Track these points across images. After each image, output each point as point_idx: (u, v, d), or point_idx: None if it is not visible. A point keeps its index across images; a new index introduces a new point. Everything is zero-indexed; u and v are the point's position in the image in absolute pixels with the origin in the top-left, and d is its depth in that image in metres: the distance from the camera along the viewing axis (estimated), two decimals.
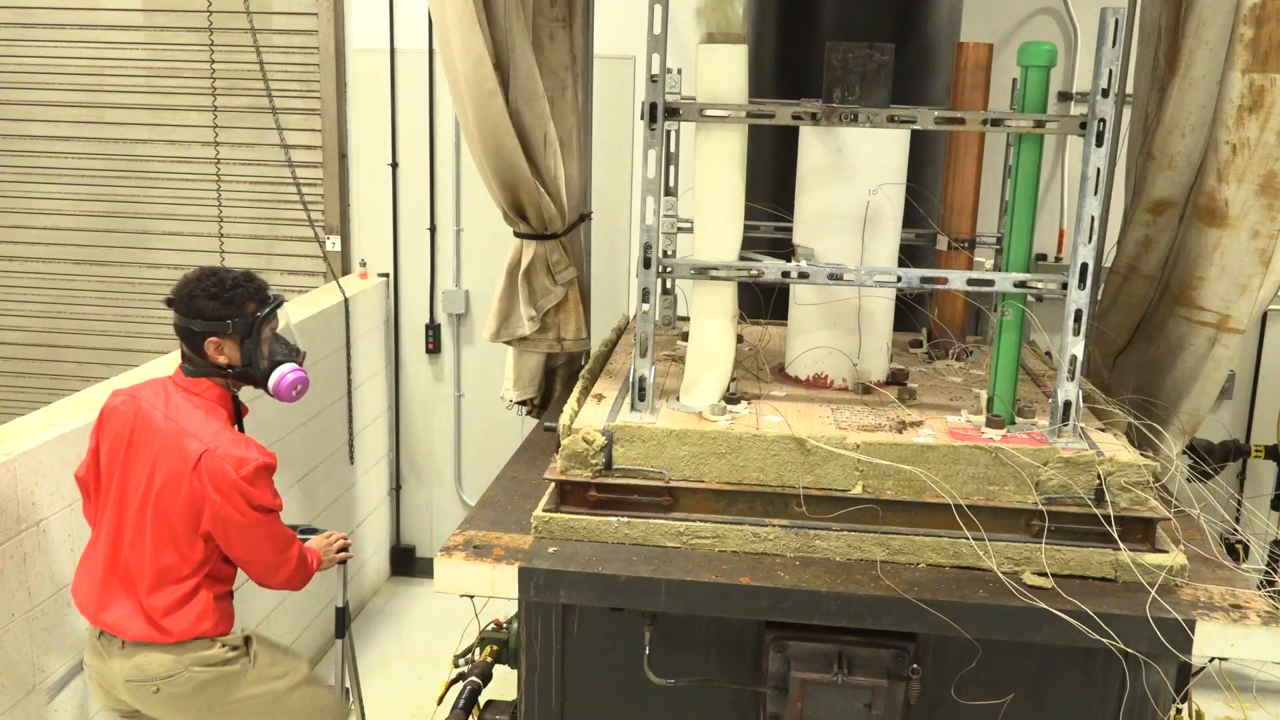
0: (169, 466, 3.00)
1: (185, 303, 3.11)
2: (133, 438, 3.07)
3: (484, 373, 5.85)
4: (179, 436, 3.03)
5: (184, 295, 3.11)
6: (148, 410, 3.08)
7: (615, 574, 2.78)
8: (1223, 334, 3.41)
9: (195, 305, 3.10)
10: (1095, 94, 2.82)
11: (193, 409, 3.09)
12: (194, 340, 3.11)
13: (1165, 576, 2.76)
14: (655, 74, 2.95)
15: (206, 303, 3.10)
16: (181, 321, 3.11)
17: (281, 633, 4.86)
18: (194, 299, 3.10)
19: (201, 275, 3.17)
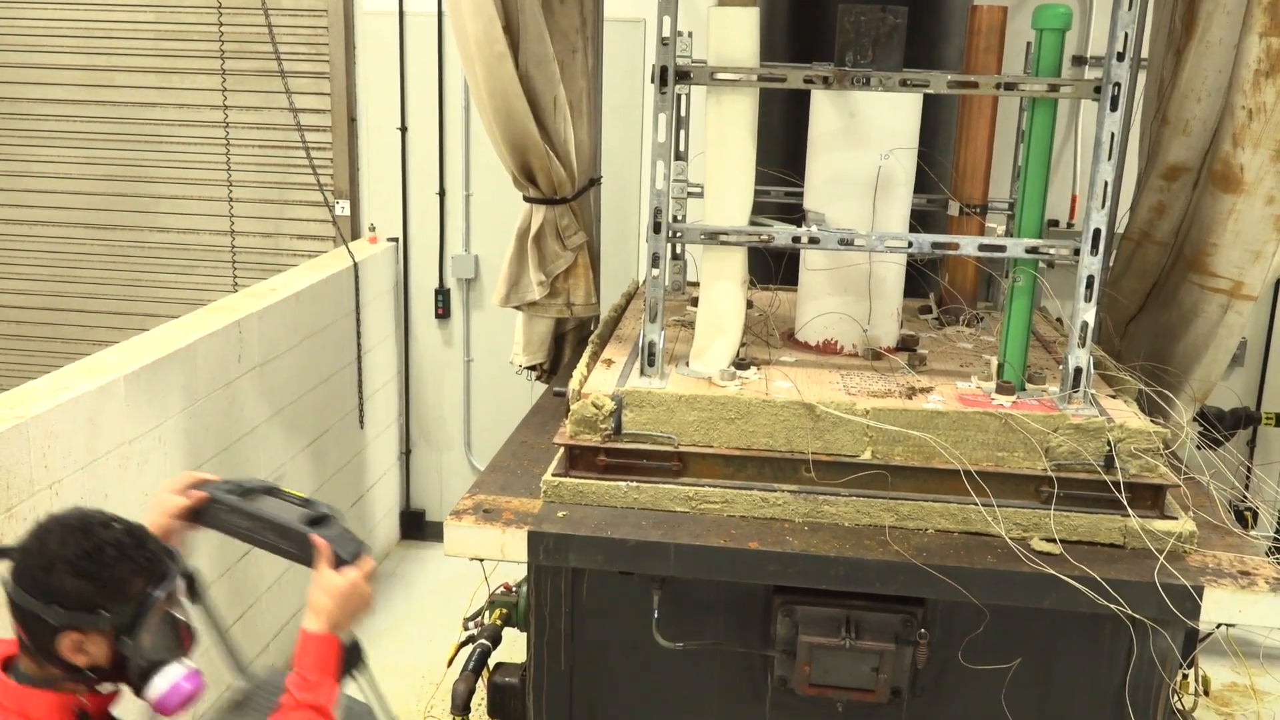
0: None
1: (36, 576, 1.97)
2: None
3: (493, 338, 5.86)
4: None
5: (35, 564, 1.98)
6: None
7: (624, 538, 2.80)
8: (1235, 301, 3.40)
9: (53, 583, 1.96)
10: (1110, 58, 2.80)
11: None
12: (42, 633, 1.97)
13: (1174, 543, 2.76)
14: (666, 37, 2.93)
15: (72, 580, 1.96)
16: (25, 601, 1.96)
17: (292, 597, 4.90)
18: (51, 572, 1.96)
19: (65, 535, 2.00)
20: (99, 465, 3.54)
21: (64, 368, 3.69)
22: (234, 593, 4.40)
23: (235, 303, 4.59)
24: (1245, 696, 4.78)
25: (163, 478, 3.88)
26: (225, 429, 4.29)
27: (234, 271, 6.00)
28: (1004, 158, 4.22)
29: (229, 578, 4.35)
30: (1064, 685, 2.85)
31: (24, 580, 1.98)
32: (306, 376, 4.95)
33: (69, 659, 2.00)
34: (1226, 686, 4.83)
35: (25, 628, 2.00)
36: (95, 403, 3.52)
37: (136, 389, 3.72)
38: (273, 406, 4.65)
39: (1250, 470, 5.22)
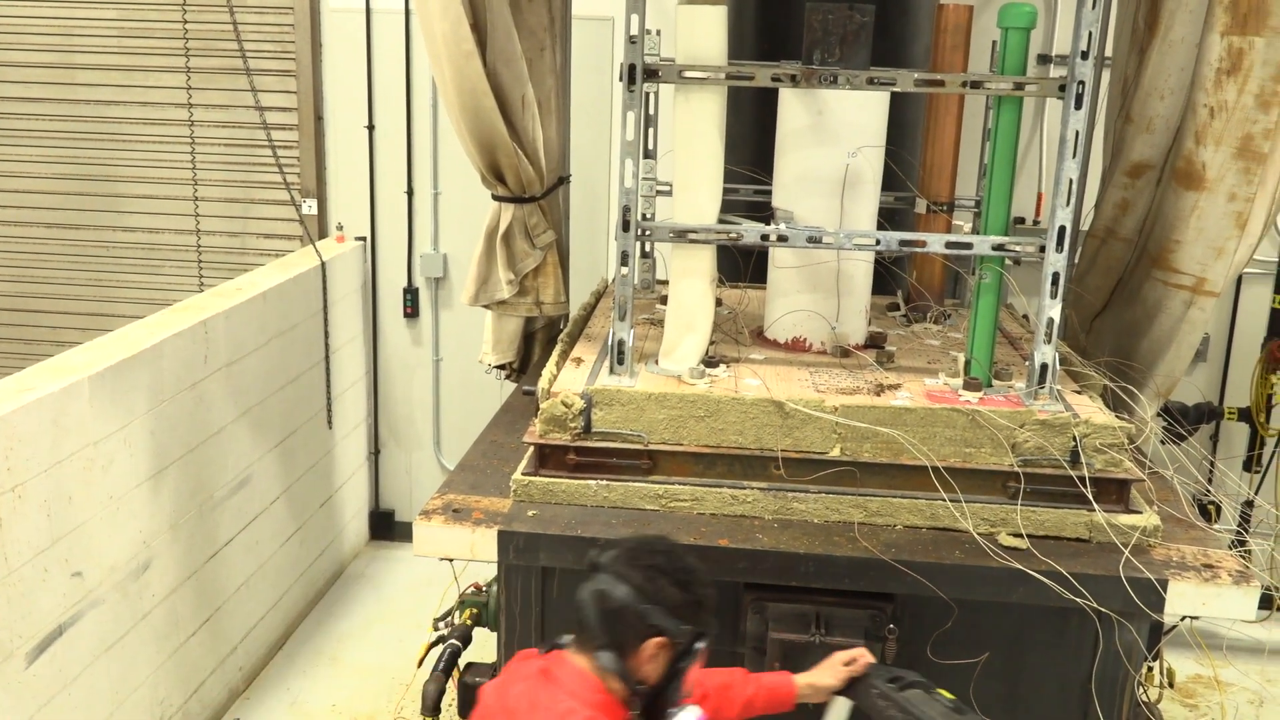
0: None
1: (643, 576, 2.22)
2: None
3: (462, 337, 5.83)
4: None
5: (641, 565, 2.23)
6: (516, 702, 2.24)
7: (594, 537, 2.79)
8: (1198, 297, 3.44)
9: (658, 588, 2.20)
10: (1074, 56, 2.82)
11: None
12: (629, 635, 2.19)
13: (1139, 537, 2.79)
14: (634, 35, 2.93)
15: (674, 590, 2.21)
16: (628, 599, 2.19)
17: (261, 598, 4.87)
18: (656, 577, 2.21)
19: (668, 551, 2.30)
20: (63, 467, 3.50)
21: (27, 369, 3.65)
22: (201, 595, 4.37)
23: (201, 302, 4.55)
24: (1209, 688, 4.84)
25: (128, 479, 3.85)
26: (192, 430, 4.25)
27: (200, 271, 5.95)
28: (970, 156, 4.25)
29: (196, 579, 4.32)
30: (1031, 678, 2.87)
31: (632, 576, 2.19)
32: (274, 376, 4.92)
33: (640, 665, 2.18)
34: (1191, 678, 4.89)
35: (611, 628, 2.18)
36: (59, 404, 3.48)
37: (101, 390, 3.68)
38: (240, 407, 4.62)
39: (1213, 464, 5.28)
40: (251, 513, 4.77)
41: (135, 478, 3.90)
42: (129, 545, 3.87)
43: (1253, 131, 3.17)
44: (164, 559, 4.10)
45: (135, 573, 3.92)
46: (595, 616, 2.21)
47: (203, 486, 4.35)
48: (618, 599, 2.19)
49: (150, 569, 4.01)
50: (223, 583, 4.54)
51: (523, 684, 2.24)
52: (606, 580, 2.22)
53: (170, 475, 4.11)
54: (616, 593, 2.19)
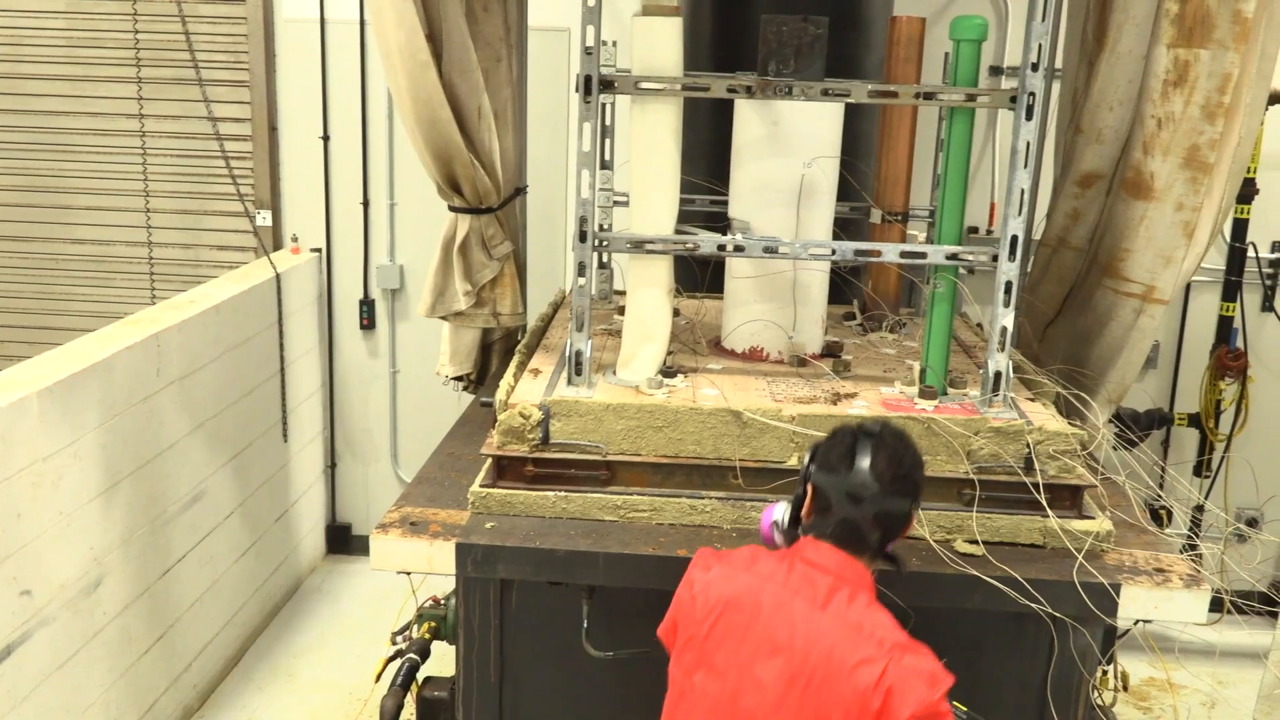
0: (824, 673, 2.18)
1: (909, 476, 2.34)
2: (751, 627, 2.27)
3: (419, 348, 5.81)
4: (847, 634, 2.21)
5: (900, 459, 2.34)
6: (779, 593, 2.28)
7: (553, 548, 2.79)
8: (1148, 305, 3.49)
9: (918, 480, 2.37)
10: (1025, 68, 2.86)
11: (862, 604, 2.27)
12: (894, 525, 2.34)
13: (1092, 542, 2.82)
14: (590, 46, 2.94)
15: (920, 475, 2.39)
16: (883, 497, 2.30)
17: (215, 614, 4.81)
18: (913, 471, 2.36)
19: (905, 437, 2.41)
20: (12, 483, 3.44)
21: None
22: (154, 611, 4.31)
23: (154, 315, 4.49)
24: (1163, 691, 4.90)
25: (78, 495, 3.79)
26: (144, 445, 4.19)
27: (152, 283, 5.88)
28: (924, 166, 4.29)
29: (149, 596, 4.25)
30: (988, 683, 2.89)
31: (897, 480, 2.31)
32: (228, 390, 4.87)
33: (877, 555, 2.35)
34: (1145, 681, 4.95)
35: (884, 524, 2.31)
36: (7, 419, 3.42)
37: (51, 405, 3.62)
38: (193, 421, 4.57)
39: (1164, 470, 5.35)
40: (206, 528, 4.71)
41: (86, 494, 3.84)
42: (80, 562, 3.81)
43: (1199, 142, 3.23)
44: (116, 576, 4.04)
45: (86, 590, 3.86)
46: (884, 507, 2.31)
47: (155, 502, 4.30)
48: (875, 507, 2.30)
49: (102, 586, 3.94)
50: (176, 599, 4.48)
51: (796, 598, 2.24)
52: (873, 489, 2.30)
53: (122, 491, 4.05)
54: (871, 496, 2.30)
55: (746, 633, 2.23)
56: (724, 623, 2.25)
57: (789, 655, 2.19)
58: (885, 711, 2.12)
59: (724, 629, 2.25)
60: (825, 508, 2.33)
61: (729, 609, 2.26)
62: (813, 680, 2.16)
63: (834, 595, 2.24)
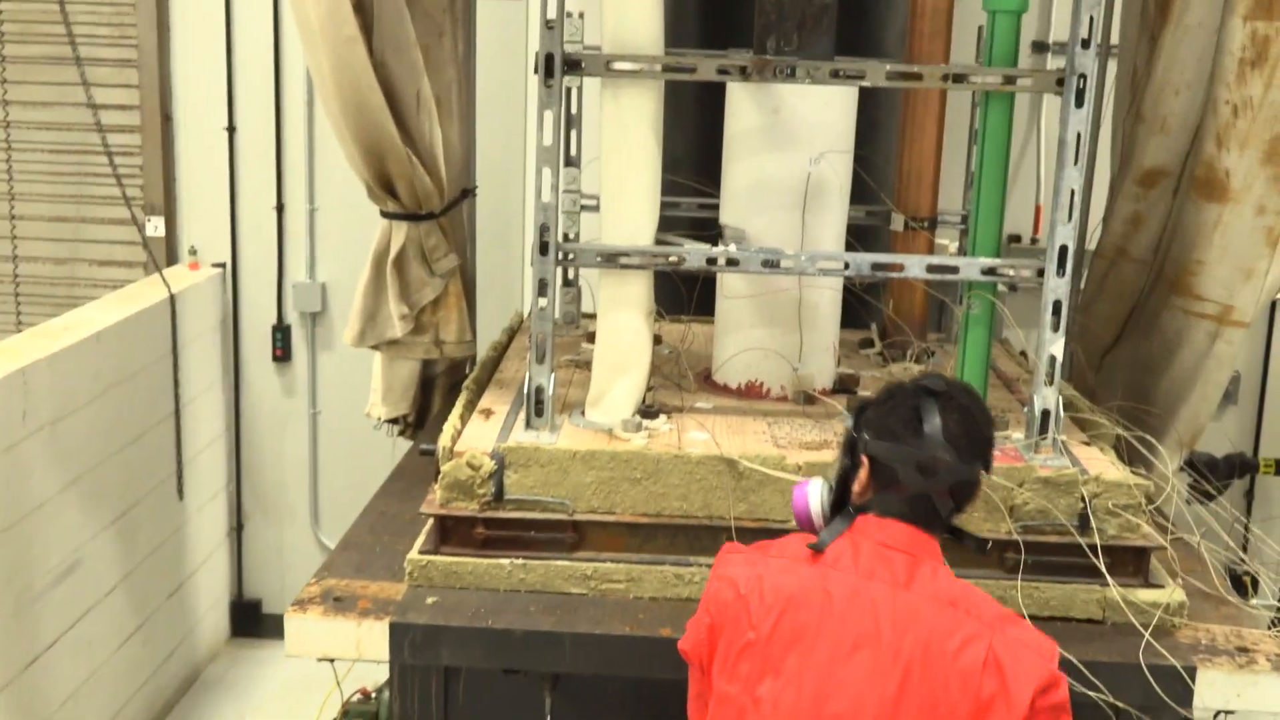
0: (922, 662, 2.20)
1: (980, 434, 2.41)
2: (825, 622, 2.27)
3: (345, 384, 5.79)
4: (941, 613, 2.24)
5: (973, 419, 2.40)
6: (850, 580, 2.30)
7: (508, 628, 2.77)
8: (1225, 328, 3.51)
9: (990, 439, 2.44)
10: (1074, 45, 2.89)
11: (947, 577, 2.34)
12: (968, 494, 2.42)
13: (1161, 616, 2.83)
14: (552, 19, 2.95)
15: (992, 432, 2.48)
16: (960, 466, 2.35)
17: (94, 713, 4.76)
18: (987, 430, 2.44)
19: (972, 391, 2.52)
20: None
21: None
22: (18, 710, 4.26)
23: (19, 346, 4.47)
24: None
25: None
26: (6, 504, 4.16)
27: (17, 306, 5.85)
28: (955, 162, 4.32)
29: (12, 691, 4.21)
30: None
31: (972, 449, 2.35)
32: (111, 436, 4.84)
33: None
34: None
35: (958, 493, 2.36)
36: None
37: None
38: (68, 475, 4.54)
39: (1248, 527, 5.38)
40: (82, 606, 4.67)
41: None
42: None
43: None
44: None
45: None
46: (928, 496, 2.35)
47: (19, 574, 4.26)
48: (978, 473, 2.39)
49: None
50: (46, 693, 4.43)
51: (872, 583, 2.27)
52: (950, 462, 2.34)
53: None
54: (952, 462, 2.34)
55: (820, 629, 2.23)
56: (789, 621, 2.25)
57: (876, 648, 2.20)
58: (1003, 694, 2.15)
59: (791, 629, 2.24)
60: (889, 482, 2.35)
61: (793, 605, 2.25)
62: (911, 672, 2.18)
63: (916, 572, 2.28)
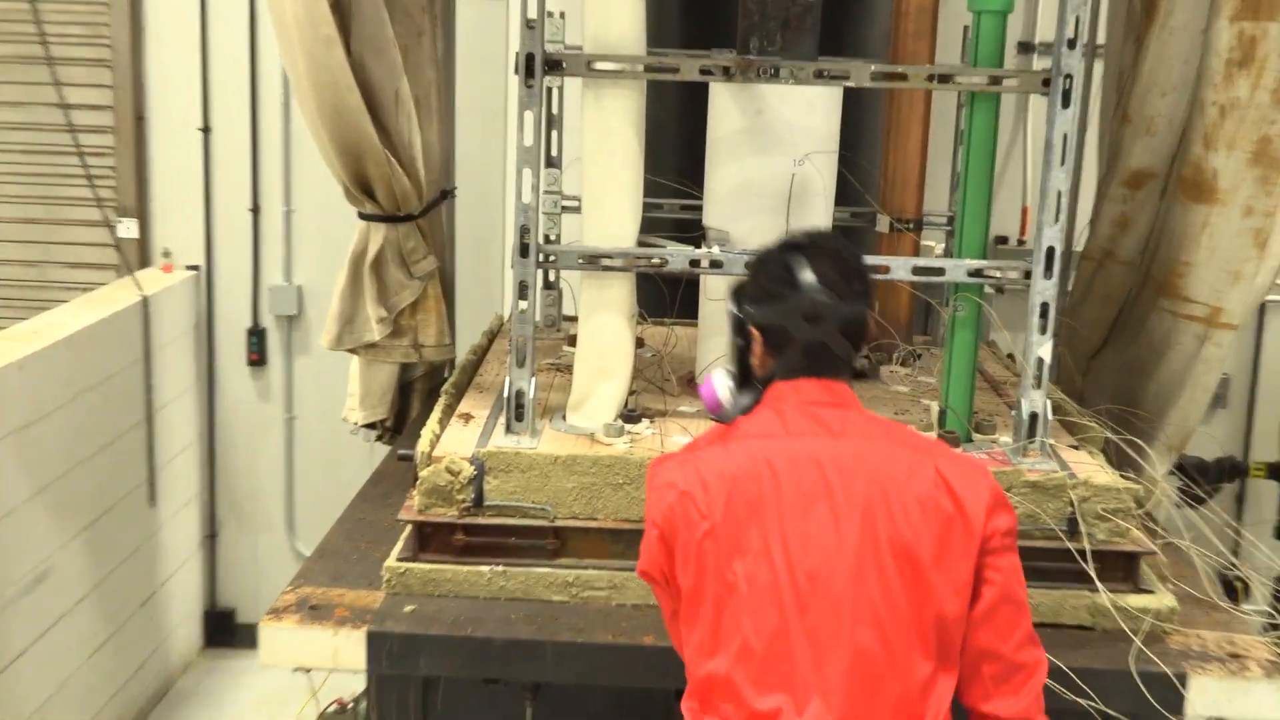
0: (880, 498, 2.27)
1: (854, 269, 2.49)
2: (775, 490, 2.30)
3: (322, 389, 5.78)
4: (881, 448, 2.34)
5: (842, 258, 2.48)
6: (784, 444, 2.34)
7: (489, 637, 2.77)
8: (1214, 330, 3.53)
9: (866, 275, 2.52)
10: (1060, 45, 2.90)
11: (874, 417, 2.49)
12: (859, 333, 2.49)
13: (1151, 622, 2.84)
14: (533, 19, 2.95)
15: (869, 269, 2.59)
16: (842, 305, 2.41)
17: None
18: (861, 266, 2.53)
19: (837, 235, 2.72)
20: None
21: None
22: None
23: None
24: None
25: None
26: None
27: None
28: (941, 164, 4.33)
29: None
30: None
31: (851, 286, 2.42)
32: (81, 442, 4.82)
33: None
34: None
35: (848, 333, 2.42)
36: None
37: None
38: (37, 481, 4.51)
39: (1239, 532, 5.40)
40: (52, 615, 4.65)
41: None
42: None
43: (1270, 133, 3.28)
44: None
45: None
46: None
47: None
48: (864, 310, 2.47)
49: None
50: (15, 705, 4.41)
51: (805, 439, 2.33)
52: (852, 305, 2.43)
53: None
54: (855, 310, 2.44)
55: (772, 498, 2.27)
56: (739, 499, 2.27)
57: (831, 499, 2.25)
58: (959, 512, 2.24)
59: (744, 505, 2.27)
60: (781, 342, 2.41)
61: (738, 484, 2.28)
62: (870, 511, 2.24)
63: (843, 420, 2.36)
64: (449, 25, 4.41)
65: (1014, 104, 5.33)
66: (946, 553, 2.23)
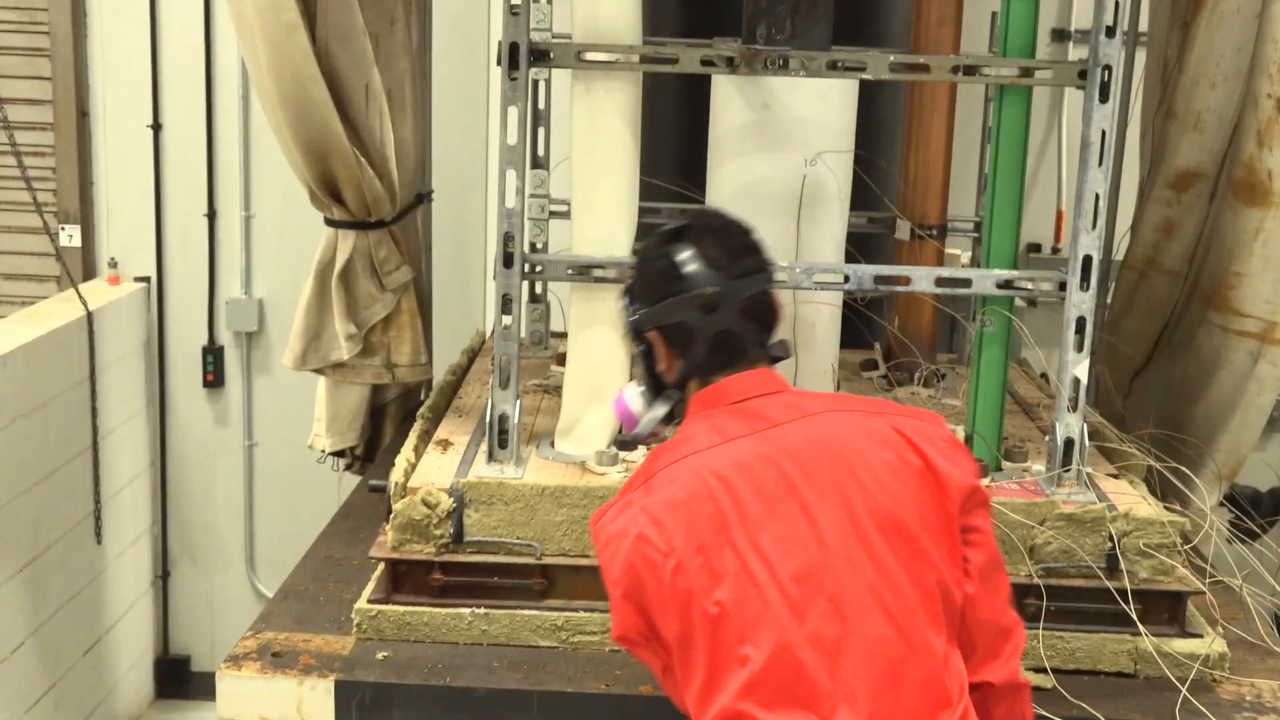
0: (846, 468, 2.29)
1: (739, 243, 2.53)
2: (732, 504, 2.29)
3: (285, 413, 5.78)
4: (828, 422, 2.36)
5: (725, 232, 2.52)
6: (725, 453, 2.33)
7: (469, 686, 2.77)
8: (1268, 347, 3.54)
9: (755, 244, 2.55)
10: (1098, 33, 2.91)
11: (812, 393, 2.59)
12: (765, 310, 2.52)
13: (1200, 669, 2.84)
14: (516, 4, 2.96)
15: (756, 237, 2.60)
16: (735, 282, 2.45)
17: None
18: (748, 237, 2.55)
19: (715, 210, 2.82)
20: None
21: None
22: None
23: None
24: None
25: None
26: None
27: None
28: (967, 164, 4.35)
29: None
30: None
31: (739, 261, 2.45)
32: (19, 472, 4.82)
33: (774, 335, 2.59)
34: None
35: (750, 313, 2.45)
36: None
37: None
38: None
39: None
40: None
41: None
42: None
43: None
44: None
45: None
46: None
47: None
48: (762, 282, 2.49)
49: None
50: None
51: (743, 441, 2.32)
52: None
53: None
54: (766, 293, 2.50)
55: (737, 510, 2.24)
56: (699, 524, 2.23)
57: (795, 493, 2.23)
58: (930, 467, 2.27)
59: (706, 530, 2.23)
60: (684, 340, 2.41)
61: (691, 509, 2.24)
62: (842, 489, 2.23)
63: (784, 405, 2.36)
64: (425, 11, 4.42)
65: (1047, 98, 5.35)
66: (929, 512, 2.25)
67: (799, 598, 2.16)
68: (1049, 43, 5.30)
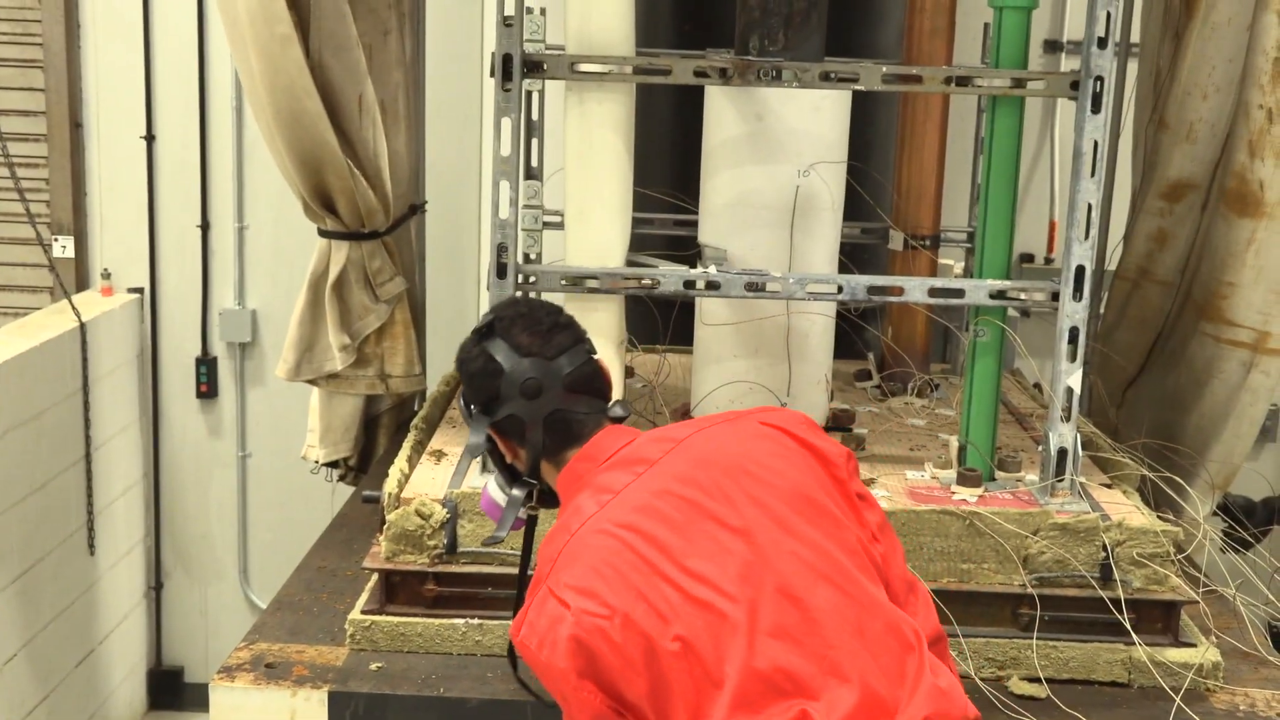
0: (761, 459, 2.38)
1: (548, 325, 2.57)
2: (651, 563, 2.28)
3: (279, 424, 5.77)
4: (708, 439, 2.44)
5: (532, 318, 2.57)
6: (617, 519, 2.33)
7: (463, 697, 2.77)
8: (1261, 357, 3.54)
9: (563, 320, 2.60)
10: (1090, 44, 2.92)
11: (672, 426, 2.61)
12: (590, 380, 2.57)
13: (1193, 678, 2.84)
14: (510, 16, 2.97)
15: (564, 314, 2.66)
16: (552, 363, 2.50)
17: None
18: (554, 316, 2.60)
19: (517, 299, 2.86)
20: None
21: None
22: None
23: None
24: None
25: None
26: None
27: None
28: (959, 175, 4.35)
29: None
30: None
31: (551, 342, 2.49)
32: (11, 485, 4.81)
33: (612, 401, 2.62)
34: None
35: (576, 386, 2.48)
36: None
37: None
38: None
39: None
40: None
41: None
42: None
43: None
44: None
45: None
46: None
47: None
48: (584, 354, 2.54)
49: None
50: None
51: (633, 501, 2.33)
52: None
53: None
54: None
55: (658, 551, 2.25)
56: (628, 577, 2.24)
57: (703, 511, 2.27)
58: (805, 445, 2.38)
59: (637, 579, 2.23)
60: (520, 431, 2.46)
61: (614, 565, 2.24)
62: (745, 490, 2.28)
63: (650, 444, 2.40)
64: (418, 23, 4.42)
65: (1040, 109, 5.36)
66: (825, 484, 2.34)
67: (748, 600, 2.18)
68: (1041, 54, 5.31)
